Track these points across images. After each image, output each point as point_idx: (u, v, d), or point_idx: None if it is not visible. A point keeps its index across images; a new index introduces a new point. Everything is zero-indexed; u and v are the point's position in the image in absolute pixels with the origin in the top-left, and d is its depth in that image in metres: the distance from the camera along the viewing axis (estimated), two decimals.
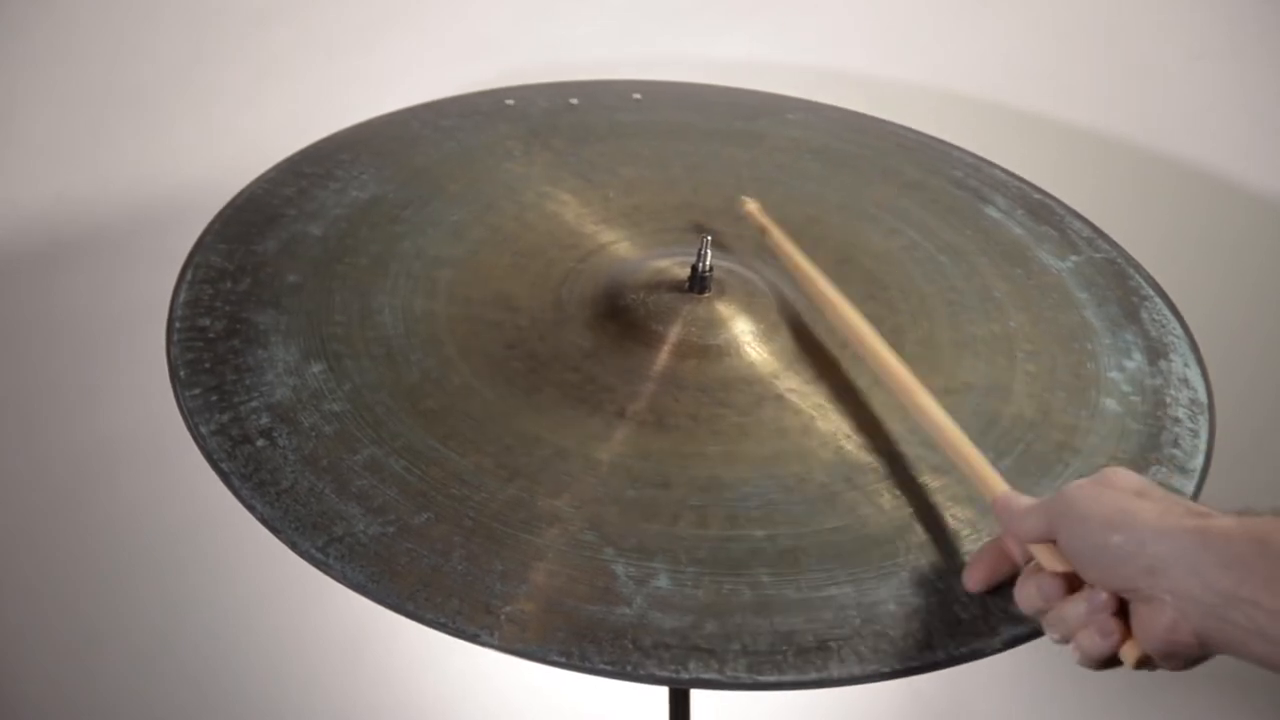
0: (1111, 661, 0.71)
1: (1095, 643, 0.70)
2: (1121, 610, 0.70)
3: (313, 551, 0.78)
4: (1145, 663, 0.69)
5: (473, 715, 1.55)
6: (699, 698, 1.06)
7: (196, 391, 0.87)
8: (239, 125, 1.40)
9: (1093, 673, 0.73)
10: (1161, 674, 0.71)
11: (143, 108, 1.39)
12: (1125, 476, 0.73)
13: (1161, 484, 0.87)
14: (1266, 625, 0.63)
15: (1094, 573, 0.70)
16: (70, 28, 1.35)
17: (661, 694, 1.08)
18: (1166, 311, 1.04)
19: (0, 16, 1.34)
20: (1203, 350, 1.01)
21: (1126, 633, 0.69)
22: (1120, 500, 0.70)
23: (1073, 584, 0.72)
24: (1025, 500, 0.76)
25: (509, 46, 1.44)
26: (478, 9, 1.45)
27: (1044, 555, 0.73)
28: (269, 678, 1.52)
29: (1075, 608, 0.71)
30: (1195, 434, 0.93)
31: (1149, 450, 0.91)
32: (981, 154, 1.20)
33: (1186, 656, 0.68)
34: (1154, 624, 0.67)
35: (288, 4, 1.39)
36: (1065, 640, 0.72)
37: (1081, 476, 0.77)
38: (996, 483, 0.79)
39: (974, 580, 0.78)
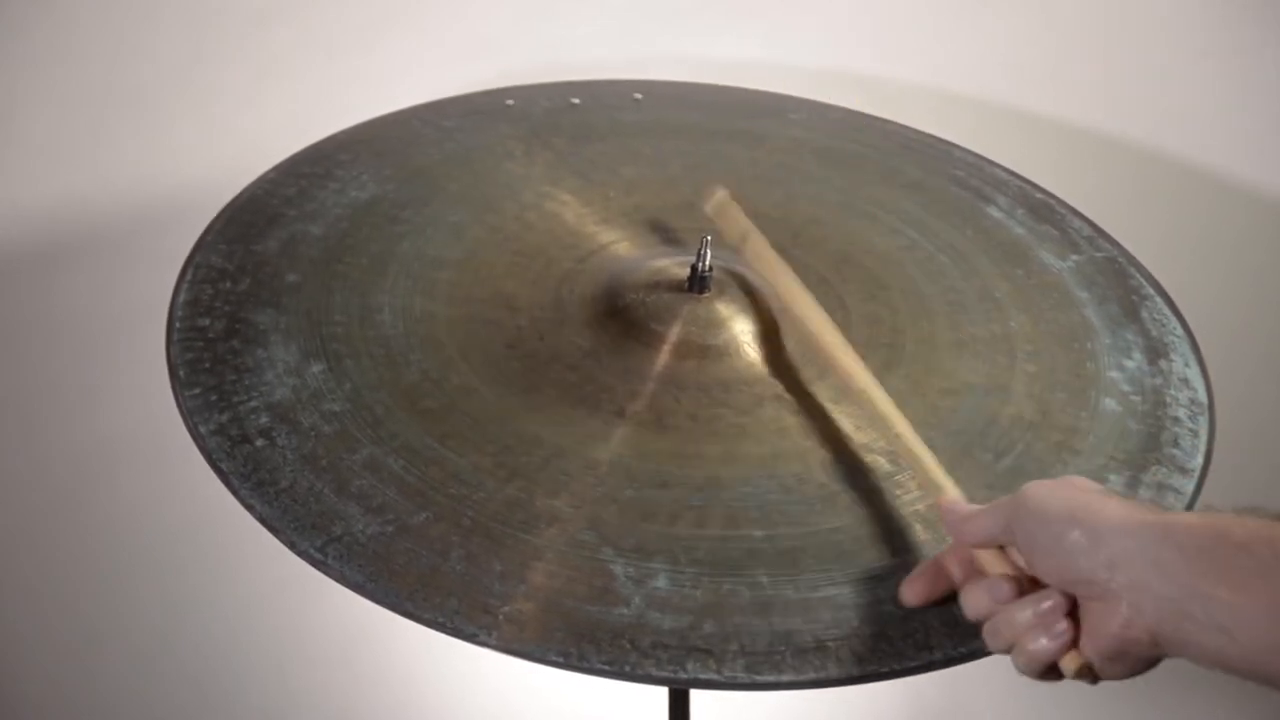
0: (1054, 670, 0.70)
1: (1042, 646, 0.69)
2: (1071, 613, 0.69)
3: (311, 551, 0.78)
4: (1086, 672, 0.69)
5: (472, 715, 1.55)
6: (698, 698, 1.06)
7: (196, 391, 0.87)
8: (239, 125, 1.40)
9: None
10: (1161, 675, 0.71)
11: (143, 108, 1.39)
12: (1085, 482, 0.73)
13: (1161, 483, 0.87)
14: (1222, 618, 0.63)
15: (1049, 568, 0.70)
16: (70, 28, 1.35)
17: (661, 694, 1.08)
18: (1167, 311, 1.04)
19: (0, 16, 1.34)
20: (1203, 350, 1.01)
21: (1075, 635, 0.69)
22: (1082, 497, 0.70)
23: (1021, 588, 0.71)
24: (973, 506, 0.76)
25: (509, 46, 1.44)
26: (478, 9, 1.44)
27: (990, 561, 0.73)
28: (269, 678, 1.52)
29: (1023, 611, 0.70)
30: (1195, 434, 0.93)
31: (1149, 450, 0.91)
32: (982, 153, 1.20)
33: (1137, 657, 0.67)
34: (1107, 621, 0.67)
35: (288, 4, 1.39)
36: (1007, 649, 0.71)
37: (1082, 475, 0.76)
38: (947, 486, 0.79)
39: (912, 595, 0.77)
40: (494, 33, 1.44)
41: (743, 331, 0.94)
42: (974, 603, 0.73)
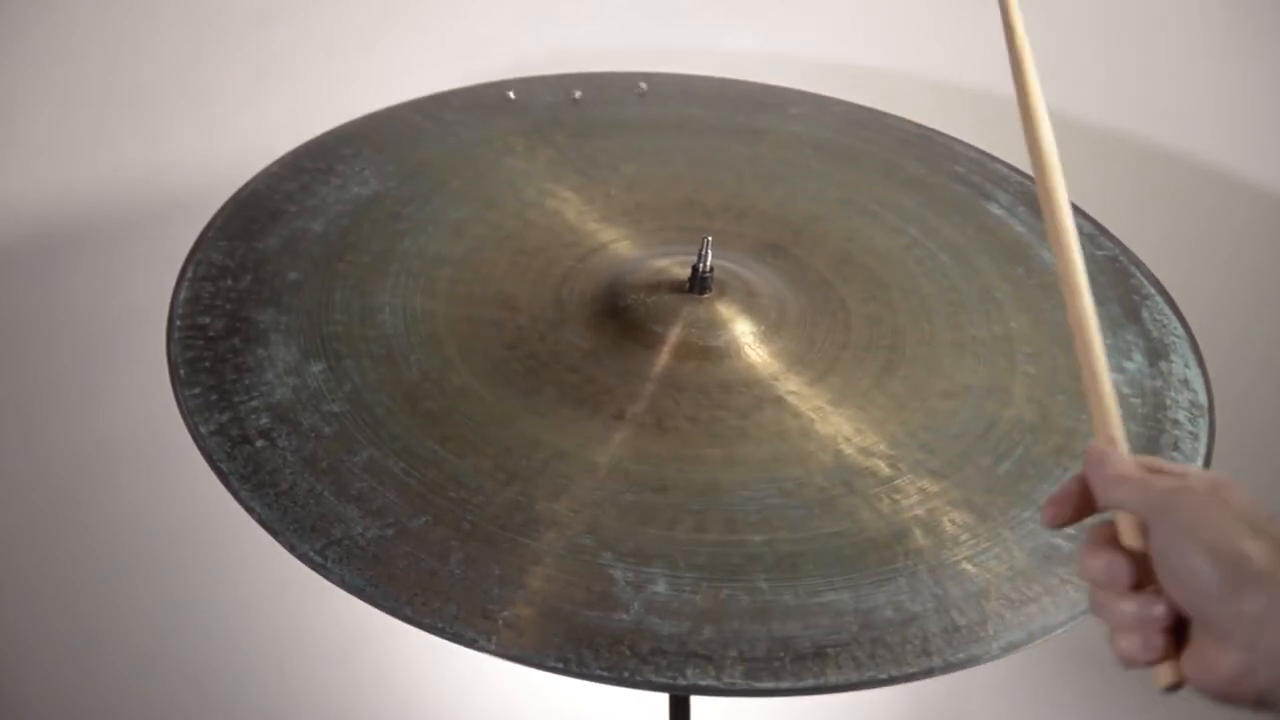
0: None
1: (1134, 649, 0.64)
2: (1178, 627, 0.63)
3: (311, 554, 0.78)
4: (1176, 688, 0.64)
5: (472, 716, 1.55)
6: (699, 702, 1.06)
7: (196, 390, 0.87)
8: (239, 125, 1.40)
9: (1091, 675, 0.72)
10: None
11: (143, 108, 1.39)
12: (1239, 495, 0.64)
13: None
14: None
15: (1171, 585, 0.63)
16: (70, 28, 1.35)
17: (662, 698, 1.08)
18: (1168, 311, 1.03)
19: (0, 16, 1.34)
20: (1203, 351, 1.00)
21: (1172, 653, 0.63)
22: (1230, 527, 0.62)
23: (1143, 571, 0.65)
24: (1123, 465, 0.67)
25: (509, 47, 1.44)
26: (478, 9, 1.44)
27: (1126, 527, 0.66)
28: (269, 678, 1.52)
29: (1128, 605, 0.64)
30: (1195, 437, 0.93)
31: (1149, 453, 0.91)
32: (984, 149, 1.19)
33: (1236, 704, 0.62)
34: (1216, 664, 0.61)
35: (288, 4, 1.39)
36: (1101, 623, 0.66)
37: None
38: (1113, 425, 0.69)
39: (1053, 519, 0.69)
40: (494, 33, 1.44)
41: (743, 333, 0.94)
42: (1088, 568, 0.67)
